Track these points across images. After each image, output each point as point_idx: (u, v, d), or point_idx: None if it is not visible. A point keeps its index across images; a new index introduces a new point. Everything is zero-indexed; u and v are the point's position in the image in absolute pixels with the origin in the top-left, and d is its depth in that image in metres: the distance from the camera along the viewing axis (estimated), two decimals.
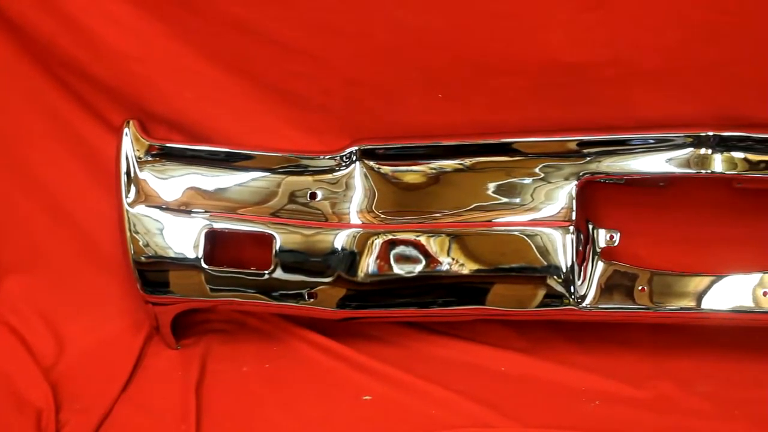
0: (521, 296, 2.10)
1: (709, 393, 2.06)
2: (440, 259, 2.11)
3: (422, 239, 2.11)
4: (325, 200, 2.14)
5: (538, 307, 2.09)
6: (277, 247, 2.12)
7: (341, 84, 2.14)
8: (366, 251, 2.11)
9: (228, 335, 2.28)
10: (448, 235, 2.11)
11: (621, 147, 2.07)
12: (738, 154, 2.02)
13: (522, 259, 2.09)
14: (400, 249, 2.11)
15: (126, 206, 2.14)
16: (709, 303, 2.08)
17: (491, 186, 2.11)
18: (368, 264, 2.11)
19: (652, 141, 2.06)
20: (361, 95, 2.15)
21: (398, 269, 2.11)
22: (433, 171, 2.13)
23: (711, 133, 2.03)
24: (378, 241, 2.11)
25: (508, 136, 2.11)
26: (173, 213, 2.15)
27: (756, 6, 1.96)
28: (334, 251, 2.12)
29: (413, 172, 2.13)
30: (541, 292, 2.08)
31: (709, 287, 2.09)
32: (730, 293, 2.08)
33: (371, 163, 2.13)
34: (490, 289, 2.11)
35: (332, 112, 2.17)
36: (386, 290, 2.12)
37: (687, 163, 2.04)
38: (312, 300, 2.14)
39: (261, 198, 2.15)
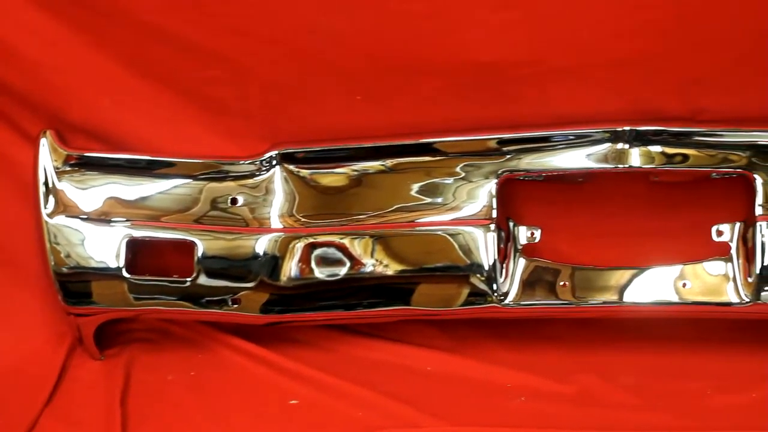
0: (446, 295, 2.11)
1: (633, 385, 2.08)
2: (364, 260, 2.11)
3: (345, 241, 2.11)
4: (246, 205, 2.13)
5: (462, 305, 2.10)
6: (200, 254, 2.11)
7: (261, 88, 2.14)
8: (288, 255, 2.11)
9: (152, 344, 2.26)
10: (371, 236, 2.11)
11: (540, 144, 2.08)
12: (654, 148, 2.05)
13: (445, 259, 2.09)
14: (322, 252, 2.11)
15: (45, 217, 2.11)
16: (631, 296, 2.10)
17: (413, 186, 2.12)
18: (291, 268, 2.11)
19: (570, 137, 2.07)
20: (280, 99, 2.15)
21: (322, 272, 2.11)
22: (355, 173, 2.13)
23: (627, 128, 2.05)
24: (300, 245, 2.11)
25: (428, 137, 2.12)
26: (93, 223, 2.13)
27: (674, 2, 1.98)
28: (256, 256, 2.11)
29: (334, 175, 2.13)
30: (465, 291, 2.09)
31: (630, 280, 2.11)
32: (652, 286, 2.10)
33: (291, 167, 2.13)
34: (415, 289, 2.11)
35: (252, 117, 2.17)
36: (310, 293, 2.12)
37: (605, 158, 2.06)
38: (236, 306, 2.13)
39: (183, 205, 2.14)
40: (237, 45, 2.09)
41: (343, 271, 2.11)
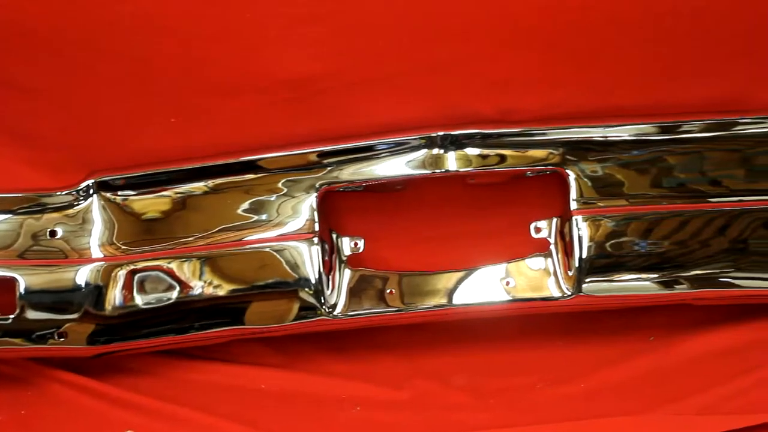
0: (277, 312, 2.10)
1: (466, 385, 2.12)
2: (193, 283, 2.10)
3: (173, 265, 2.10)
4: (66, 237, 2.10)
5: (293, 320, 2.10)
6: (21, 290, 2.07)
7: (75, 118, 2.12)
8: (111, 284, 2.08)
9: None
10: (199, 258, 2.10)
11: (357, 155, 2.10)
12: (469, 151, 2.08)
13: (274, 275, 2.10)
14: (148, 278, 2.10)
15: None
16: (459, 298, 2.13)
17: (238, 205, 2.12)
18: (115, 296, 2.08)
19: (386, 146, 2.09)
20: (96, 128, 2.13)
21: (149, 298, 2.09)
22: (178, 196, 2.12)
23: (441, 133, 2.08)
24: (122, 273, 2.09)
25: (248, 154, 2.12)
26: None
27: (478, 5, 2.01)
28: (78, 288, 2.08)
29: (153, 199, 2.12)
30: (295, 306, 2.09)
31: (457, 283, 2.14)
32: (478, 286, 2.13)
33: (108, 195, 2.11)
34: (247, 308, 2.11)
35: (69, 147, 2.15)
36: (138, 321, 2.10)
37: (422, 165, 2.09)
38: (62, 339, 2.09)
39: (4, 242, 2.10)
40: (49, 75, 2.07)
41: (172, 295, 2.10)
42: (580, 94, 2.10)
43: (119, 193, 2.12)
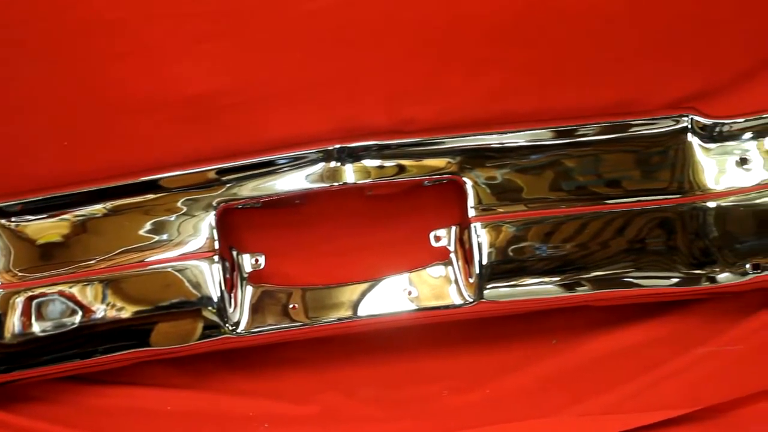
0: (181, 332, 2.09)
1: (373, 397, 2.12)
2: (95, 307, 2.08)
3: (74, 290, 2.08)
4: None
5: (198, 339, 2.09)
6: None
7: None
8: (10, 311, 2.06)
9: None
10: (100, 281, 2.08)
11: (255, 171, 2.10)
12: (366, 163, 2.09)
13: (176, 295, 2.09)
14: (48, 303, 2.07)
15: None
16: (363, 310, 2.13)
17: (138, 226, 2.10)
18: (14, 324, 2.06)
19: (283, 161, 2.09)
20: None
21: (49, 324, 2.07)
22: (76, 219, 2.10)
23: (337, 146, 2.08)
24: (20, 300, 2.06)
25: (146, 174, 2.11)
26: None
27: (369, 19, 2.02)
28: None
29: (52, 224, 2.10)
30: (199, 325, 2.08)
31: (361, 295, 2.14)
32: (382, 297, 2.14)
33: (3, 221, 2.08)
34: (151, 330, 2.09)
35: None
36: (39, 347, 2.07)
37: (320, 178, 2.09)
38: None
39: None
40: None
41: (74, 319, 2.08)
42: (474, 101, 2.11)
43: (14, 219, 2.09)
